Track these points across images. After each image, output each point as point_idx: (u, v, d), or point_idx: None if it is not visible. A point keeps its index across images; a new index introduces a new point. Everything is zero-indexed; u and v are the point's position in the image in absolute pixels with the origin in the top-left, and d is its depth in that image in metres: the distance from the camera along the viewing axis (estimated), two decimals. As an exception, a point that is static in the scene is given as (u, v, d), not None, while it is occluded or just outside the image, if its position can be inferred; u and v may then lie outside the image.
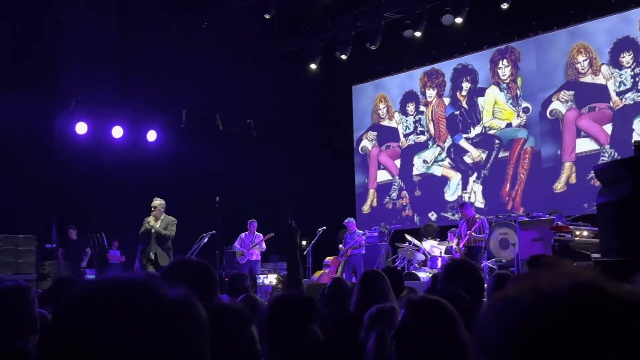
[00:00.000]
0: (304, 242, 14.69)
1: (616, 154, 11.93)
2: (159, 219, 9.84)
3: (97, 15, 13.27)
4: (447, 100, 14.74)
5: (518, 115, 13.57)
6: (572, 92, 12.83)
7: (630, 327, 0.72)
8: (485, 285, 9.53)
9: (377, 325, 2.42)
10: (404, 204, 15.27)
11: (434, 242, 12.04)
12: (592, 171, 9.51)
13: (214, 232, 11.39)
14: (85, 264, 12.71)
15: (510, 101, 13.71)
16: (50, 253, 12.83)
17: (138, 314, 0.88)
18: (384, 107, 15.93)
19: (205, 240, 11.12)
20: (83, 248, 12.57)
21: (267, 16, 14.01)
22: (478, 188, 14.06)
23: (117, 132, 13.64)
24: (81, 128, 13.20)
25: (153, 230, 9.70)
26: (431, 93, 15.03)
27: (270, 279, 10.90)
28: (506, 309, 0.78)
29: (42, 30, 12.81)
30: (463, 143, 14.37)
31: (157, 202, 9.97)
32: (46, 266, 12.10)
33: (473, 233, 10.63)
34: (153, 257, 9.60)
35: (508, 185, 13.61)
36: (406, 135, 15.44)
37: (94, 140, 13.32)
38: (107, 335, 0.86)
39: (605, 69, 12.42)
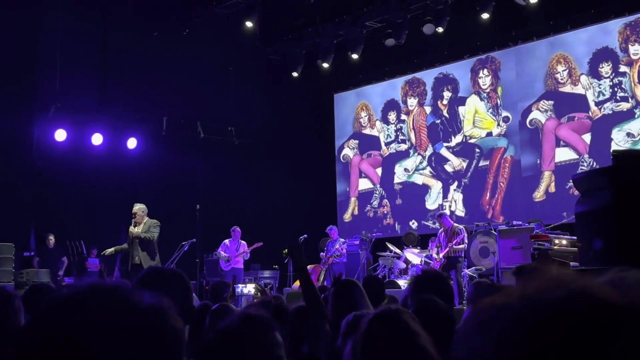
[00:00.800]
0: (285, 250, 14.66)
1: (595, 164, 12.05)
2: (140, 224, 9.72)
3: (77, 22, 13.18)
4: (428, 109, 14.82)
5: (498, 125, 13.66)
6: (551, 102, 12.95)
7: (624, 332, 0.71)
8: (466, 294, 9.54)
9: (353, 333, 2.42)
10: (385, 212, 15.30)
11: (415, 251, 12.09)
12: (571, 180, 9.59)
13: (194, 240, 11.33)
14: (63, 273, 12.55)
15: (490, 110, 13.81)
16: (29, 261, 12.66)
17: (110, 320, 0.87)
18: (365, 116, 15.98)
19: (186, 248, 11.06)
20: (60, 256, 12.42)
21: (249, 24, 14.03)
22: (458, 197, 14.13)
23: (97, 139, 13.53)
24: (60, 135, 13.07)
25: (133, 235, 9.61)
26: (412, 102, 15.10)
27: (249, 288, 10.83)
28: (495, 318, 0.75)
29: (22, 36, 12.69)
30: (444, 152, 14.44)
31: (137, 207, 9.84)
32: (24, 274, 11.94)
33: (454, 246, 10.67)
34: (138, 262, 9.48)
35: (488, 194, 13.69)
36: (387, 144, 15.49)
37: (74, 148, 13.20)
38: (80, 342, 0.85)
39: (584, 79, 12.56)
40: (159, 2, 13.85)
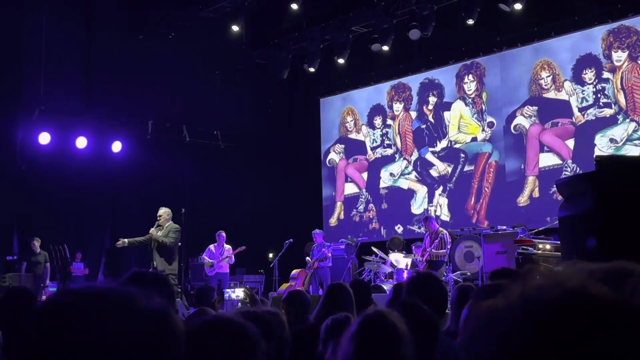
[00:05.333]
0: (270, 255, 14.65)
1: (578, 169, 12.14)
2: (163, 227, 9.76)
3: (62, 24, 13.11)
4: (413, 114, 14.88)
5: (483, 130, 13.74)
6: (535, 108, 13.05)
7: (618, 329, 0.72)
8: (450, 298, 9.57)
9: (334, 337, 2.42)
10: (371, 216, 15.32)
11: (400, 255, 12.11)
12: (555, 185, 9.66)
13: (179, 244, 11.27)
14: (48, 278, 12.38)
15: (475, 116, 13.89)
16: (12, 265, 12.55)
17: (120, 323, 0.87)
18: (351, 120, 16.01)
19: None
20: (44, 261, 12.25)
21: (235, 28, 14.02)
22: (444, 201, 14.18)
23: (81, 142, 13.43)
24: (44, 138, 12.97)
25: (152, 237, 9.63)
26: (398, 107, 15.16)
27: (238, 292, 10.79)
28: (496, 320, 0.77)
29: (5, 39, 12.60)
30: (429, 156, 14.50)
31: (162, 210, 9.93)
32: (7, 278, 11.83)
33: (433, 250, 10.73)
34: (155, 266, 9.49)
35: (473, 198, 13.76)
36: (373, 149, 15.53)
37: (58, 151, 13.10)
38: (89, 345, 0.85)
39: (568, 85, 12.67)
40: (145, 5, 13.81)
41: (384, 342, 2.06)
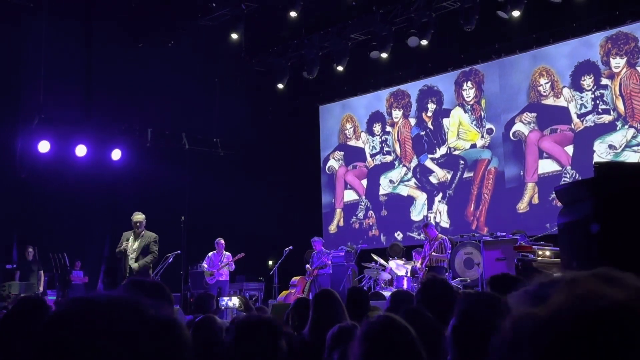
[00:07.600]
0: (270, 262, 14.64)
1: (577, 175, 12.16)
2: (139, 236, 9.56)
3: (62, 32, 13.13)
4: (412, 121, 14.90)
5: (482, 136, 13.76)
6: (534, 114, 13.07)
7: None
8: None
9: (340, 345, 2.42)
10: (371, 223, 15.32)
11: (400, 262, 12.10)
12: (554, 192, 9.66)
13: (179, 252, 11.27)
14: (43, 287, 12.29)
15: (474, 122, 13.91)
16: (11, 274, 12.52)
17: (130, 333, 0.88)
18: (350, 127, 16.03)
19: (170, 260, 11.00)
20: (37, 269, 12.16)
21: (234, 36, 14.06)
22: (443, 208, 14.19)
23: (81, 150, 13.43)
24: (44, 146, 12.97)
25: (128, 252, 9.39)
26: (397, 114, 15.18)
27: (234, 301, 10.72)
28: (540, 329, 0.77)
29: (5, 47, 12.62)
30: (428, 163, 14.51)
31: (141, 216, 9.57)
32: (6, 287, 11.81)
33: (433, 253, 10.72)
34: (126, 275, 9.35)
35: (472, 205, 13.76)
36: (373, 155, 15.55)
37: (57, 159, 13.09)
38: (100, 354, 0.85)
39: (566, 91, 12.69)
40: (145, 13, 13.85)
41: (395, 344, 2.06)
